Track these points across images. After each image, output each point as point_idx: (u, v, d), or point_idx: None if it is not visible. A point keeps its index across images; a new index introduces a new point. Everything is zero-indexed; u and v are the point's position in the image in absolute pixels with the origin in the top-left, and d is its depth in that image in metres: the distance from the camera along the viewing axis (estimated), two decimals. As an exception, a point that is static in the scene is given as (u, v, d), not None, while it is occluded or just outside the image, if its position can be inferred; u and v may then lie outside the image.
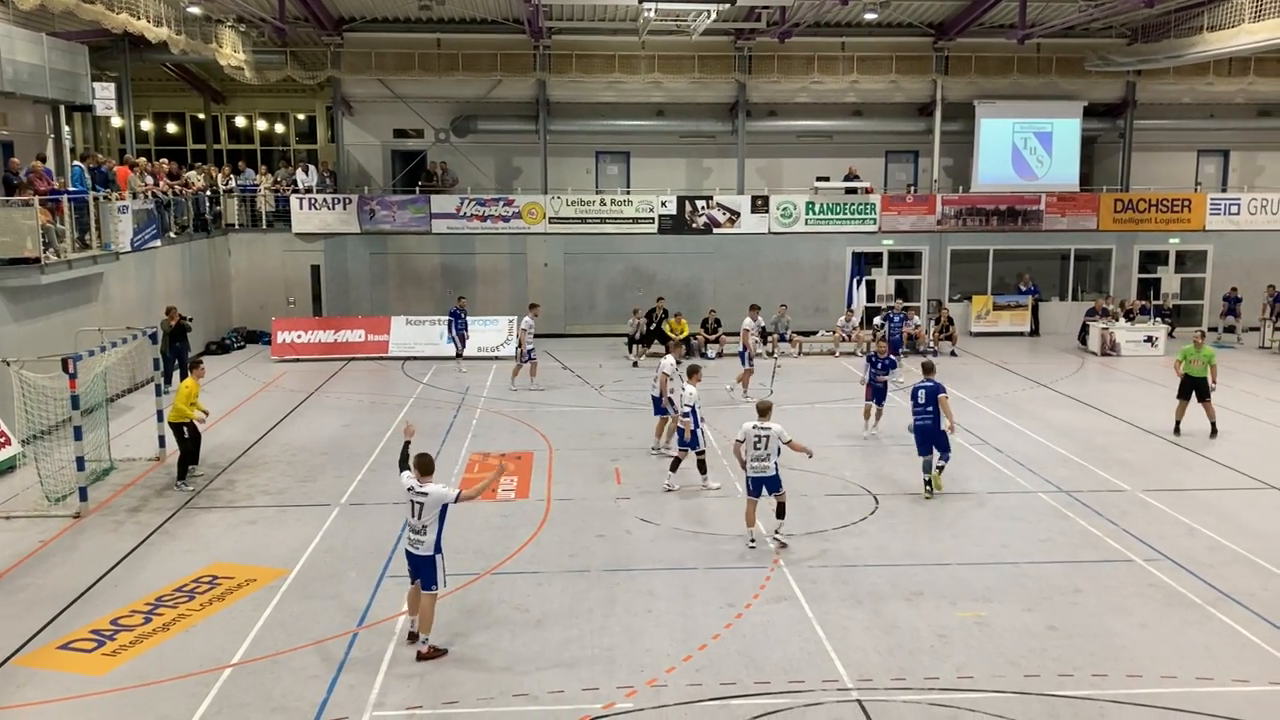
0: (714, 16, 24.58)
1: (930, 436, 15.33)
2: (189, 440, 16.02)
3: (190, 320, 23.36)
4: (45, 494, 14.87)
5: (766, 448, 13.08)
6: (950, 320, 28.81)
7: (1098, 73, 31.75)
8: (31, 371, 15.43)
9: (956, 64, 31.87)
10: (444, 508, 10.24)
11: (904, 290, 31.94)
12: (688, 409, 15.72)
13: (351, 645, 10.51)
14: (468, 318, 26.20)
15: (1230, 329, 30.03)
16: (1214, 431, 18.77)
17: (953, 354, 27.73)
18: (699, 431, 15.85)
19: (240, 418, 20.64)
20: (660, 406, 17.66)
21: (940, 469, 15.42)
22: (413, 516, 10.30)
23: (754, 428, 13.14)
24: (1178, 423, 19.03)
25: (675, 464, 15.92)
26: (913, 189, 33.33)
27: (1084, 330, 29.23)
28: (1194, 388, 18.89)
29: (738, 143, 31.94)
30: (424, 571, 10.31)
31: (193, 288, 26.93)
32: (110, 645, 10.55)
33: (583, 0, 27.62)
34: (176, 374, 22.66)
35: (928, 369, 15.81)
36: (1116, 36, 31.61)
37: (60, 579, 12.31)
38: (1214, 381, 19.01)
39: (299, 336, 27.71)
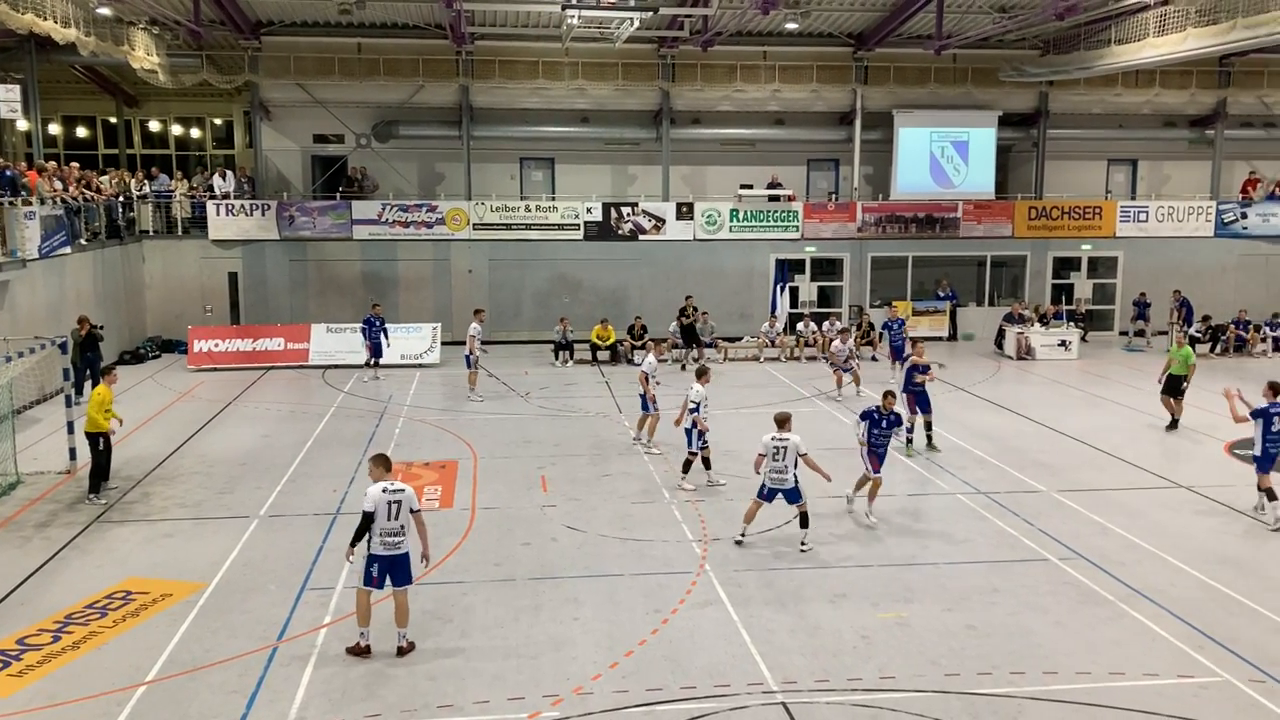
0: (637, 24, 24.64)
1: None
2: (103, 452, 15.57)
3: (102, 329, 22.72)
4: (-52, 510, 14.36)
5: (784, 459, 13.16)
6: (871, 326, 29.25)
7: (1012, 83, 32.52)
8: (-68, 383, 14.89)
9: (876, 74, 32.38)
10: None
11: (827, 297, 32.39)
12: (694, 406, 16.06)
13: (271, 659, 10.30)
14: (384, 325, 25.87)
15: (1140, 333, 30.98)
16: (1174, 425, 20.10)
17: (873, 359, 28.14)
18: (693, 432, 16.13)
19: (156, 428, 20.13)
20: (645, 404, 18.32)
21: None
22: (389, 519, 10.25)
23: (772, 439, 13.24)
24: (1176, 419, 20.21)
25: (687, 465, 16.23)
26: (834, 197, 33.79)
27: (1000, 335, 29.89)
28: (1174, 384, 20.11)
29: (662, 150, 32.08)
30: (401, 570, 10.37)
31: (105, 296, 26.20)
32: (16, 666, 10.19)
33: (506, 6, 27.50)
34: (88, 384, 22.05)
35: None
36: (1030, 48, 32.43)
37: (-37, 598, 11.88)
38: (1189, 381, 20.14)
39: (216, 345, 27.12)
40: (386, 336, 25.76)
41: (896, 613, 11.40)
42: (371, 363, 25.57)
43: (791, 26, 30.19)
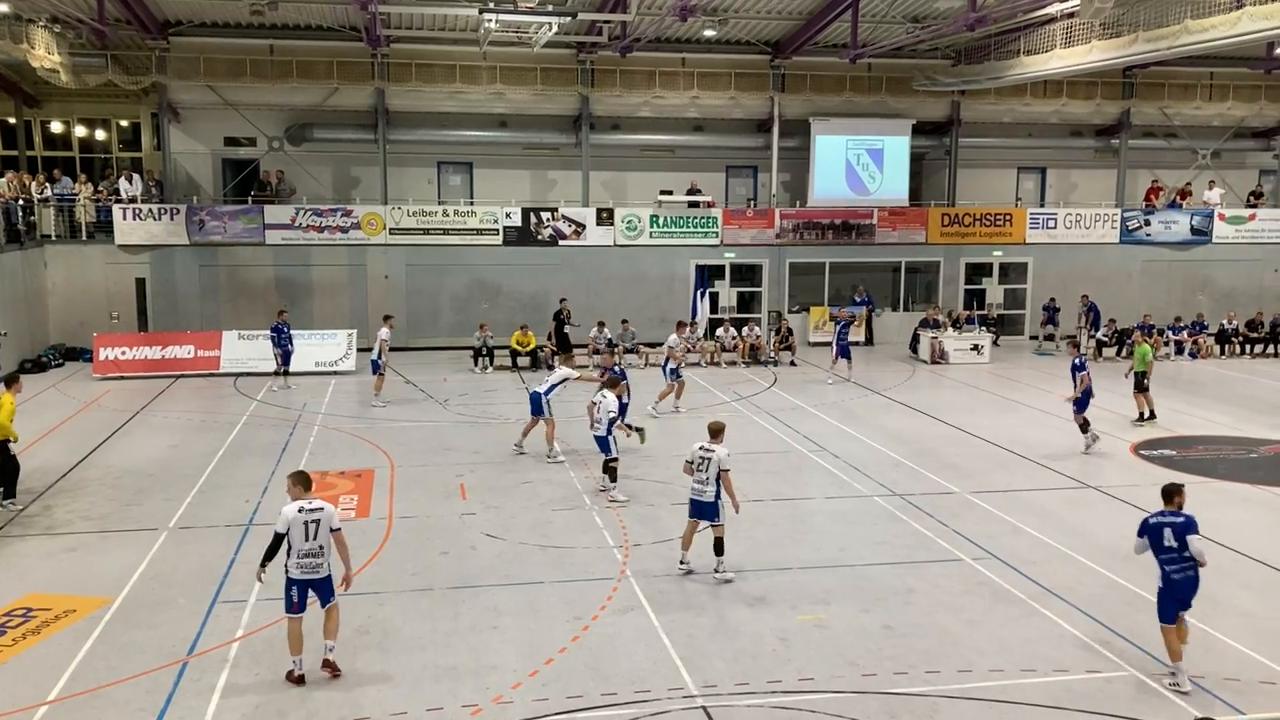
0: (555, 29, 24.59)
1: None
2: (12, 461, 15.01)
3: (5, 335, 21.91)
4: None
5: (706, 470, 12.37)
6: (790, 331, 29.56)
7: (925, 92, 33.20)
8: None
9: (793, 82, 32.76)
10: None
11: (746, 302, 32.66)
12: (614, 417, 15.89)
13: (181, 675, 10.00)
14: (291, 332, 25.41)
15: (1050, 337, 31.83)
16: (1145, 418, 21.23)
17: (792, 364, 28.46)
18: (611, 439, 15.79)
19: (59, 439, 19.47)
20: (538, 407, 18.11)
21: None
22: (306, 539, 9.72)
23: (699, 448, 12.53)
24: (1151, 412, 21.26)
25: (614, 473, 15.89)
26: (752, 203, 34.10)
27: (915, 339, 30.43)
28: (1139, 381, 21.26)
29: (582, 155, 32.05)
30: (325, 590, 9.93)
31: (4, 302, 25.26)
32: (-92, 688, 9.76)
33: (422, 9, 27.24)
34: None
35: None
36: (942, 58, 33.15)
37: None
38: (1149, 376, 21.37)
39: (123, 353, 26.35)
40: (291, 343, 25.26)
41: (815, 615, 11.50)
42: (281, 370, 25.07)
43: (709, 34, 30.40)
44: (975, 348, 29.24)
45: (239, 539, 13.90)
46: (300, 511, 9.80)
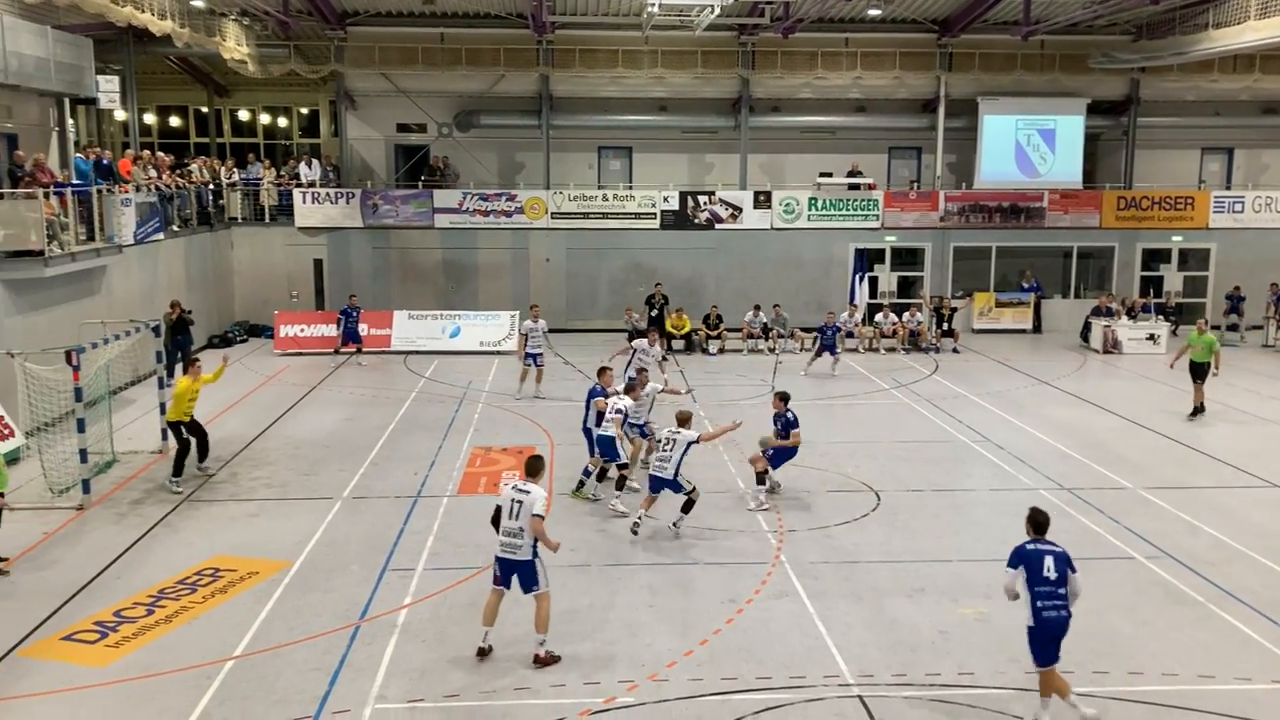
0: (718, 12, 24.52)
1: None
2: (187, 440, 16.03)
3: (190, 314, 23.35)
4: (49, 486, 14.90)
5: (672, 450, 13.48)
6: (953, 313, 28.70)
7: (1102, 70, 31.69)
8: (35, 364, 15.43)
9: (960, 60, 31.82)
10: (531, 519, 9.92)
11: (906, 287, 31.97)
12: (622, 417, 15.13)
13: (353, 639, 10.52)
14: (359, 314, 26.50)
15: (1233, 327, 29.96)
16: (1195, 413, 19.90)
17: (955, 351, 27.72)
18: (620, 443, 14.98)
19: (243, 411, 20.65)
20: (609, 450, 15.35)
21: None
22: (510, 517, 9.99)
23: (669, 431, 13.72)
24: (1200, 406, 19.98)
25: (621, 481, 15.03)
26: (916, 185, 33.31)
27: (1086, 328, 29.21)
28: (1197, 371, 19.93)
29: (741, 138, 31.92)
30: (525, 577, 9.99)
31: (195, 281, 26.93)
32: (113, 637, 10.57)
33: (587, -5, 27.61)
34: (179, 367, 22.68)
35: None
36: (1121, 33, 31.56)
37: (63, 571, 12.33)
38: (1216, 368, 19.91)
39: (301, 330, 27.71)
40: (358, 325, 26.38)
41: (977, 609, 11.24)
42: (352, 348, 26.17)
43: (874, 13, 29.80)
44: (1151, 337, 27.85)
45: (408, 510, 14.49)
46: (512, 488, 10.12)
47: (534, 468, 10.40)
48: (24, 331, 17.96)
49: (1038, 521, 9.20)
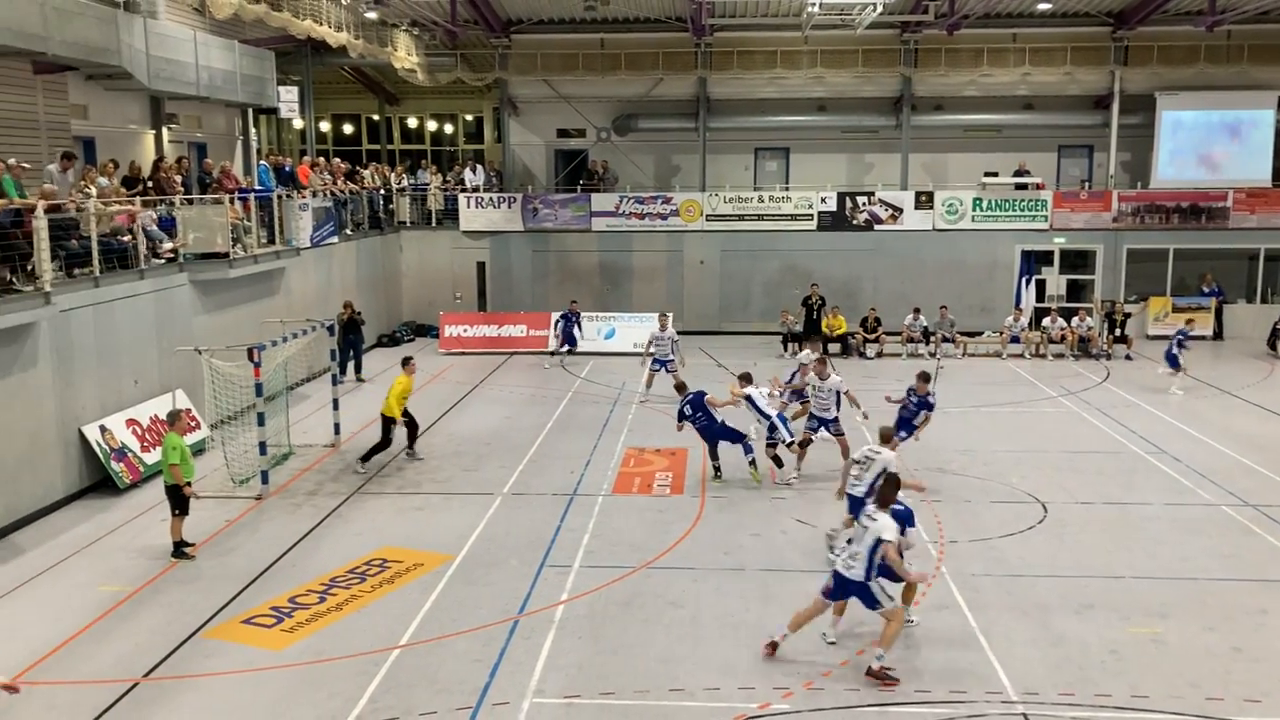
0: (880, 9, 24.11)
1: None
2: (390, 438, 16.82)
3: (361, 314, 24.35)
4: (231, 476, 15.79)
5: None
6: (1126, 318, 27.35)
7: (1295, 60, 29.75)
8: (220, 360, 16.39)
9: (1137, 54, 30.38)
10: (875, 544, 9.76)
11: (1075, 291, 30.71)
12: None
13: (512, 632, 10.77)
14: (579, 319, 26.67)
15: None
16: None
17: (1127, 358, 26.45)
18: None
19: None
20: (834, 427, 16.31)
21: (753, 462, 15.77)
22: (852, 541, 10.16)
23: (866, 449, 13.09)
24: None
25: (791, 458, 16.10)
26: (1087, 185, 31.97)
27: (1274, 335, 27.44)
28: None
29: (902, 138, 31.28)
30: (865, 599, 9.91)
31: (366, 283, 28.08)
32: (289, 622, 11.12)
33: (747, -4, 27.53)
34: (350, 365, 23.73)
35: (679, 387, 16.91)
36: (1317, 21, 29.57)
37: (243, 557, 13.04)
38: None
39: (465, 331, 28.57)
40: (581, 330, 26.56)
41: (1151, 628, 10.70)
42: (564, 350, 26.37)
43: (1044, 7, 28.74)
44: (1348, 346, 25.97)
45: (564, 507, 14.75)
46: (865, 517, 10.05)
47: (886, 499, 10.16)
48: (210, 329, 19.07)
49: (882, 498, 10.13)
